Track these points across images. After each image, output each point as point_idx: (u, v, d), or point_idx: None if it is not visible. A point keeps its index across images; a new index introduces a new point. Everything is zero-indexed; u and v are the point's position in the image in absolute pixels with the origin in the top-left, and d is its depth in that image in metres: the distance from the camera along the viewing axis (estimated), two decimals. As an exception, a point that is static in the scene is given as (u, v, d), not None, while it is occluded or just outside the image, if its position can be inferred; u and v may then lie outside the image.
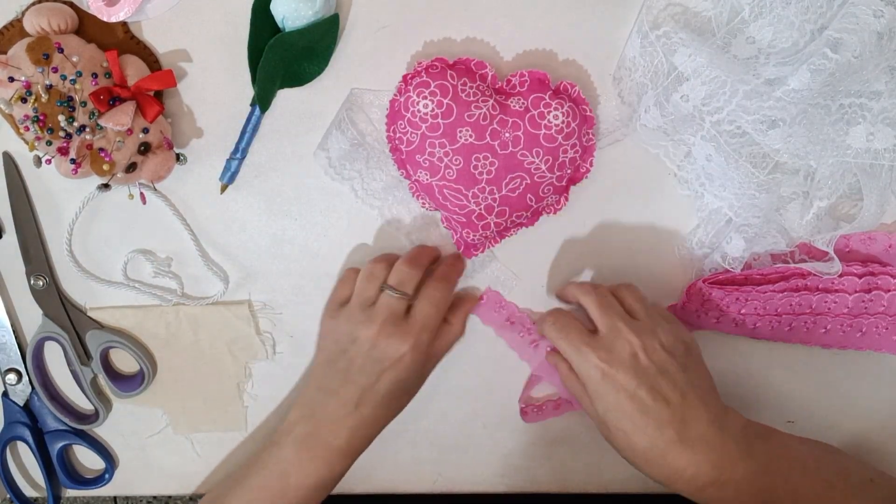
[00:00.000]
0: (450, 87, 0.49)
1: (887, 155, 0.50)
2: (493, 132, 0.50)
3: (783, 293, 0.54)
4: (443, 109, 0.49)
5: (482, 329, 0.58)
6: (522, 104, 0.50)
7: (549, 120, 0.49)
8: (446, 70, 0.49)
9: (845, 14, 0.46)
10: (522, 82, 0.50)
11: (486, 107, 0.49)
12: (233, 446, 0.61)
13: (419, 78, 0.49)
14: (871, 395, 0.58)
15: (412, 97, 0.49)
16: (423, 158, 0.50)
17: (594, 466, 0.60)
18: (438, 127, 0.49)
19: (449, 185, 0.51)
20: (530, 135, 0.49)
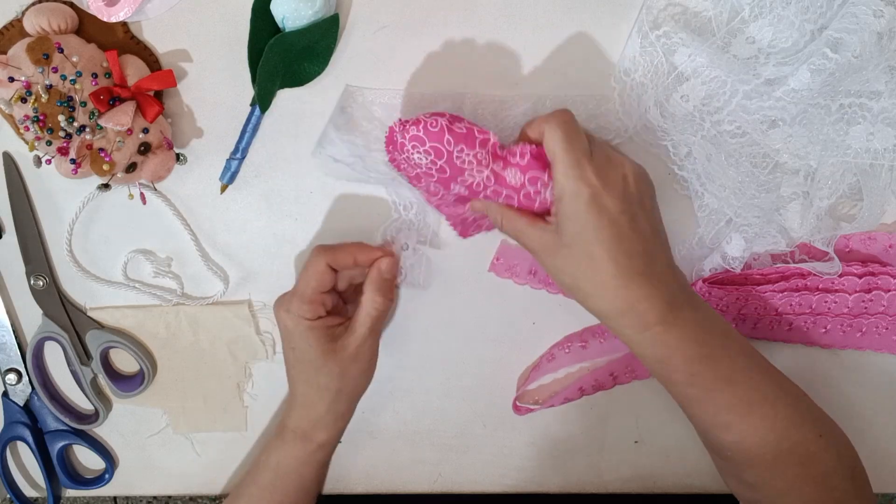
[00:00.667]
0: (444, 152, 0.46)
1: (887, 155, 0.50)
2: (486, 196, 0.49)
3: (783, 293, 0.54)
4: (436, 167, 0.47)
5: (482, 329, 0.58)
6: (518, 180, 0.47)
7: (544, 196, 0.47)
8: (444, 132, 0.46)
9: (845, 14, 0.46)
10: (523, 155, 0.46)
11: (480, 177, 0.47)
12: (233, 446, 0.61)
13: (416, 130, 0.46)
14: (871, 395, 0.58)
15: (407, 146, 0.47)
16: (421, 186, 0.50)
17: (594, 466, 0.60)
18: (433, 175, 0.48)
19: (445, 206, 0.52)
20: (523, 204, 0.48)
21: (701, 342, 0.46)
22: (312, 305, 0.50)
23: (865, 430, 0.58)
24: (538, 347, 0.59)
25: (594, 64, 0.53)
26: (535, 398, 0.59)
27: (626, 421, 0.59)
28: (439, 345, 0.59)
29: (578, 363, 0.58)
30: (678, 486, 0.60)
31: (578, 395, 0.58)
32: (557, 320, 0.58)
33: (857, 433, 0.58)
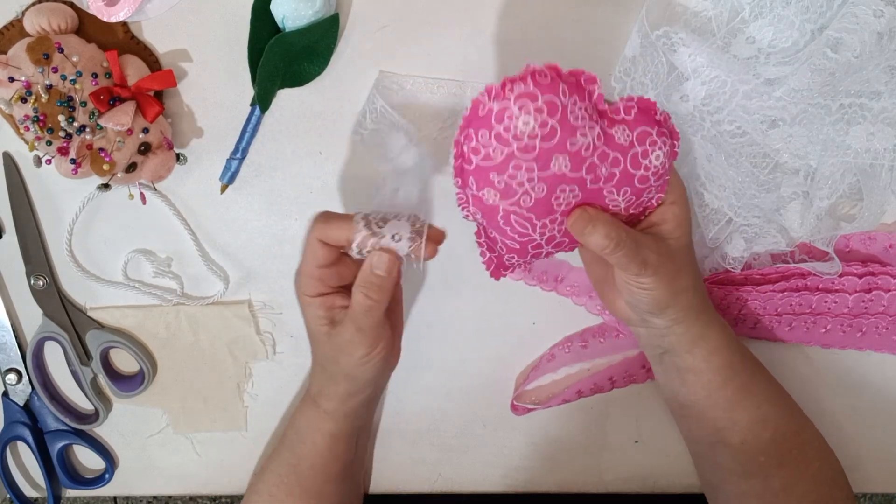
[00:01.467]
0: (559, 106, 0.38)
1: (887, 155, 0.50)
2: (590, 165, 0.41)
3: (783, 293, 0.54)
4: (545, 130, 0.39)
5: (482, 329, 0.58)
6: (628, 137, 0.41)
7: (650, 160, 0.41)
8: (558, 82, 0.39)
9: (845, 14, 0.46)
10: (629, 108, 0.41)
11: (591, 135, 0.40)
12: (233, 446, 0.61)
13: (524, 86, 0.38)
14: (871, 394, 0.58)
15: (511, 109, 0.38)
16: (499, 178, 0.41)
17: (594, 466, 0.60)
18: (533, 149, 0.39)
19: (519, 212, 0.42)
20: (627, 173, 0.42)
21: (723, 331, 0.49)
22: (311, 281, 0.47)
23: (865, 430, 0.58)
24: (538, 347, 0.59)
25: (594, 64, 0.53)
26: (532, 398, 0.59)
27: (626, 421, 0.59)
28: (439, 345, 0.59)
29: (578, 363, 0.58)
30: (678, 486, 0.60)
31: (576, 397, 0.58)
32: (557, 320, 0.58)
33: (857, 433, 0.58)
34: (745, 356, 0.50)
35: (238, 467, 0.61)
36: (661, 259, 0.44)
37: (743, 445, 0.49)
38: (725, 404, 0.49)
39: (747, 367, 0.50)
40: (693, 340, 0.48)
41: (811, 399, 0.57)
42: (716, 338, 0.48)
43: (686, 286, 0.46)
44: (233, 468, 0.62)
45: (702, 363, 0.48)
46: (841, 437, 0.54)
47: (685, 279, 0.46)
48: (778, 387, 0.52)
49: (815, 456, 0.50)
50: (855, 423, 0.58)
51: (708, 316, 0.48)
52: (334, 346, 0.48)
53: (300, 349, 0.59)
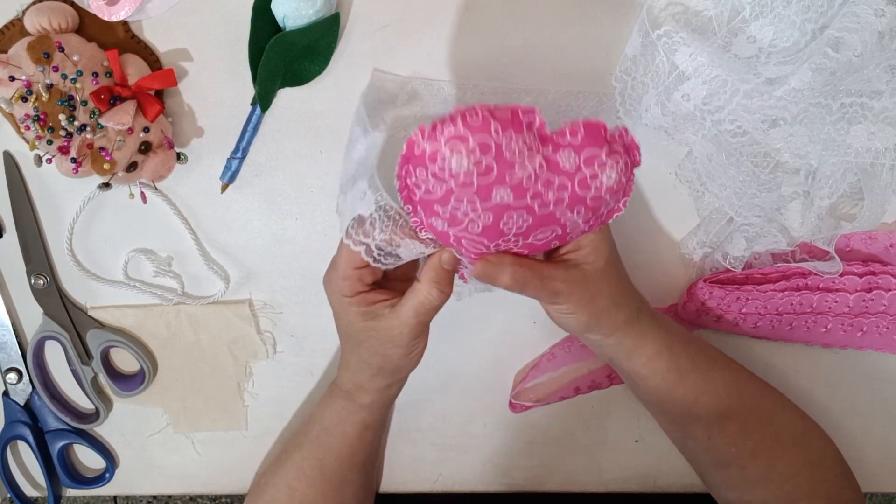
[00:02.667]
0: (492, 146, 0.38)
1: (888, 154, 0.50)
2: (534, 193, 0.41)
3: (784, 292, 0.54)
4: (480, 169, 0.39)
5: (482, 329, 0.58)
6: (574, 162, 0.40)
7: (600, 181, 0.41)
8: (489, 121, 0.38)
9: (846, 13, 0.46)
10: (574, 132, 0.40)
11: (532, 166, 0.40)
12: (233, 446, 0.61)
13: (454, 128, 0.38)
14: (871, 395, 0.58)
15: (442, 151, 0.38)
16: (443, 209, 0.41)
17: (594, 465, 0.60)
18: (471, 185, 0.39)
19: (469, 237, 0.43)
20: (577, 196, 0.41)
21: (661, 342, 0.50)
22: (348, 282, 0.47)
23: (865, 430, 0.58)
24: (538, 347, 0.59)
25: (595, 63, 0.53)
26: (531, 396, 0.59)
27: (627, 420, 0.59)
28: (439, 345, 0.59)
29: (579, 362, 0.58)
30: (678, 485, 0.60)
31: (574, 394, 0.58)
32: (558, 320, 0.58)
33: (858, 433, 0.58)
34: (695, 356, 0.51)
35: (238, 467, 0.61)
36: (571, 287, 0.46)
37: (710, 440, 0.51)
38: (682, 403, 0.51)
39: (700, 366, 0.51)
40: (629, 350, 0.50)
41: (811, 398, 0.58)
42: (653, 346, 0.49)
43: (605, 306, 0.48)
44: (233, 468, 0.62)
45: (643, 369, 0.50)
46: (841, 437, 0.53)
47: (603, 299, 0.47)
48: (743, 378, 0.53)
49: (791, 441, 0.51)
50: (855, 423, 0.58)
51: (640, 326, 0.49)
52: (382, 340, 0.49)
53: (300, 349, 0.59)
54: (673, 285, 0.57)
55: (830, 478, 0.51)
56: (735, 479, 0.51)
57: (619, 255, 0.50)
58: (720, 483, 0.53)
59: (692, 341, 0.52)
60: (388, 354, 0.49)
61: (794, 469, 0.50)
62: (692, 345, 0.52)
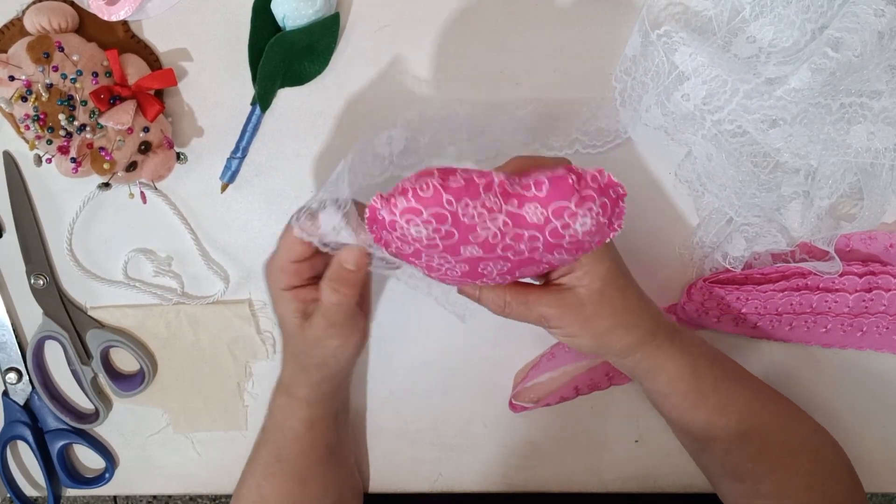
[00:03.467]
0: (448, 215, 0.38)
1: (888, 154, 0.50)
2: (505, 247, 0.40)
3: (784, 292, 0.54)
4: (441, 234, 0.39)
5: (482, 329, 0.58)
6: (541, 215, 0.39)
7: (574, 229, 0.39)
8: (441, 194, 0.37)
9: (846, 13, 0.46)
10: (539, 184, 0.38)
11: (494, 226, 0.39)
12: (233, 446, 0.61)
13: (406, 202, 0.38)
14: (871, 395, 0.58)
15: (399, 222, 0.38)
16: (418, 262, 0.42)
17: (594, 466, 0.60)
18: (437, 246, 0.40)
19: (451, 279, 0.44)
20: (551, 244, 0.40)
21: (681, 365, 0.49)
22: (284, 274, 0.47)
23: (865, 430, 0.58)
24: (538, 347, 0.59)
25: (594, 63, 0.53)
26: (531, 396, 0.59)
27: (626, 420, 0.59)
28: (439, 345, 0.59)
29: (579, 361, 0.58)
30: (678, 485, 0.60)
31: (574, 394, 0.58)
32: (558, 320, 0.58)
33: (857, 433, 0.58)
34: (717, 378, 0.50)
35: (238, 467, 0.61)
36: (562, 311, 0.46)
37: (728, 455, 0.50)
38: (702, 422, 0.50)
39: (721, 387, 0.50)
40: (649, 371, 0.49)
41: (811, 399, 0.57)
42: (674, 367, 0.48)
43: (608, 327, 0.46)
44: (233, 468, 0.61)
45: (665, 388, 0.49)
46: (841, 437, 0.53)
47: (604, 321, 0.46)
48: (764, 397, 0.52)
49: (808, 458, 0.50)
50: (855, 423, 0.58)
51: (658, 347, 0.48)
52: (307, 339, 0.48)
53: (300, 349, 0.59)
54: (673, 285, 0.57)
55: (841, 488, 0.50)
56: (749, 491, 0.50)
57: (624, 273, 0.48)
58: (732, 493, 0.52)
59: (715, 360, 0.51)
60: (313, 353, 0.49)
61: (808, 482, 0.49)
62: (715, 365, 0.50)
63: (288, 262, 0.47)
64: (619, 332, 0.47)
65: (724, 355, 0.53)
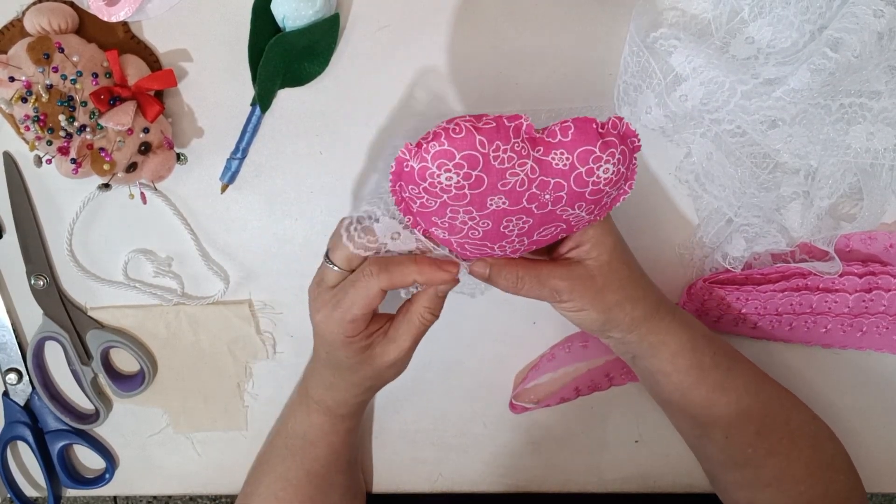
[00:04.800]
0: (479, 158, 0.38)
1: (887, 154, 0.50)
2: (530, 196, 0.41)
3: (784, 293, 0.54)
4: (471, 181, 0.39)
5: (482, 329, 0.58)
6: (567, 161, 0.39)
7: (598, 175, 0.40)
8: (474, 135, 0.38)
9: (845, 14, 0.46)
10: (565, 130, 0.39)
11: (523, 172, 0.39)
12: (233, 446, 0.61)
13: (439, 145, 0.38)
14: (871, 395, 0.58)
15: (430, 168, 0.38)
16: (441, 220, 0.42)
17: (594, 466, 0.60)
18: (465, 197, 0.40)
19: (472, 242, 0.44)
20: (575, 193, 0.41)
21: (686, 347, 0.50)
22: (355, 324, 0.46)
23: (865, 430, 0.58)
24: (538, 347, 0.59)
25: (595, 64, 0.53)
26: (531, 397, 0.59)
27: (626, 421, 0.60)
28: (439, 345, 0.59)
29: (579, 363, 0.58)
30: (678, 485, 0.60)
31: (574, 395, 0.58)
32: (558, 320, 0.57)
33: (857, 433, 0.58)
34: (717, 354, 0.50)
35: (238, 467, 0.61)
36: (573, 283, 0.46)
37: (728, 439, 0.50)
38: (702, 402, 0.50)
39: (721, 364, 0.50)
40: (653, 346, 0.49)
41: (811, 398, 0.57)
42: (676, 341, 0.49)
43: (617, 300, 0.47)
44: (233, 468, 0.62)
45: (667, 366, 0.49)
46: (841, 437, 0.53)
47: (613, 294, 0.47)
48: (761, 379, 0.52)
49: (806, 443, 0.51)
50: (855, 423, 0.58)
51: (661, 322, 0.49)
52: (378, 367, 0.48)
53: (300, 349, 0.59)
54: (673, 285, 0.57)
55: (841, 479, 0.51)
56: (749, 479, 0.51)
57: (627, 248, 0.49)
58: (732, 483, 0.52)
59: (714, 339, 0.51)
60: (382, 376, 0.50)
61: (808, 471, 0.50)
62: (714, 342, 0.51)
63: (363, 314, 0.46)
64: (627, 306, 0.47)
65: (724, 339, 0.53)
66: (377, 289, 0.45)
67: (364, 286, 0.45)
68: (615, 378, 0.58)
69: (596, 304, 0.47)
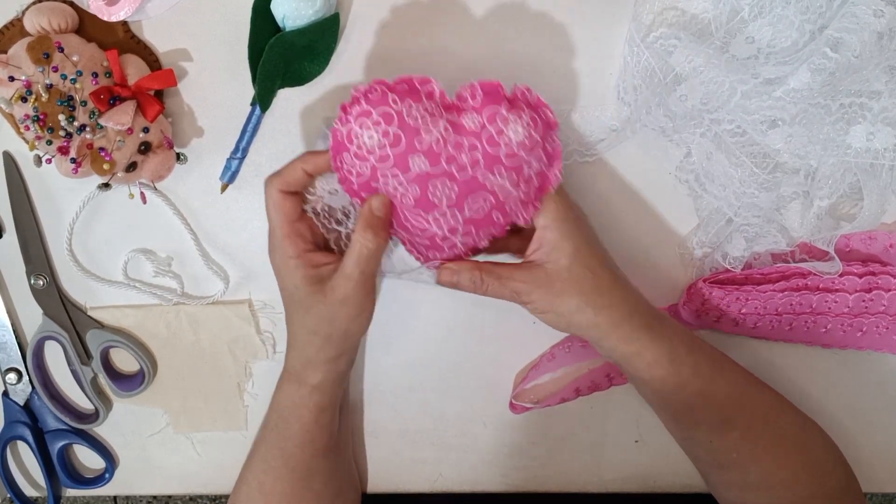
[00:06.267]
0: (394, 114, 0.43)
1: (887, 154, 0.50)
2: (448, 157, 0.45)
3: (783, 293, 0.54)
4: (390, 139, 0.44)
5: (482, 329, 0.58)
6: (477, 122, 0.44)
7: (507, 136, 0.44)
8: (387, 94, 0.44)
9: (845, 13, 0.46)
10: (474, 94, 0.44)
11: (437, 130, 0.44)
12: (233, 446, 0.61)
13: (358, 106, 0.44)
14: (871, 395, 0.58)
15: (354, 128, 0.44)
16: (376, 185, 0.46)
17: (594, 466, 0.60)
18: (388, 157, 0.44)
19: (408, 210, 0.47)
20: (489, 155, 0.44)
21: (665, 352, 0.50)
22: (289, 239, 0.48)
23: (866, 430, 0.58)
24: (538, 347, 0.59)
25: (595, 64, 0.53)
26: (531, 397, 0.59)
27: (626, 421, 0.60)
28: (439, 345, 0.59)
29: (579, 362, 0.58)
30: (678, 485, 0.60)
31: (574, 395, 0.58)
32: (557, 320, 0.58)
33: (858, 433, 0.58)
34: (698, 363, 0.50)
35: (238, 467, 0.61)
36: (531, 286, 0.48)
37: (711, 444, 0.51)
38: (683, 409, 0.50)
39: (702, 373, 0.50)
40: (626, 356, 0.49)
41: (811, 399, 0.58)
42: (650, 353, 0.49)
43: (577, 305, 0.47)
44: (233, 468, 0.61)
45: (643, 374, 0.49)
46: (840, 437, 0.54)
47: (571, 299, 0.47)
48: (745, 383, 0.52)
49: (794, 446, 0.51)
50: (855, 423, 0.58)
51: (634, 331, 0.48)
52: (330, 304, 0.48)
53: (300, 349, 0.59)
54: (673, 285, 0.57)
55: (832, 481, 0.51)
56: (736, 481, 0.51)
57: (598, 254, 0.49)
58: (721, 483, 0.53)
59: (694, 348, 0.51)
60: (336, 317, 0.48)
61: (795, 473, 0.50)
62: (696, 351, 0.51)
63: (288, 224, 0.48)
64: (588, 311, 0.48)
65: (707, 344, 0.53)
66: (276, 192, 0.47)
67: (269, 197, 0.48)
68: (615, 378, 0.58)
69: (553, 308, 0.48)
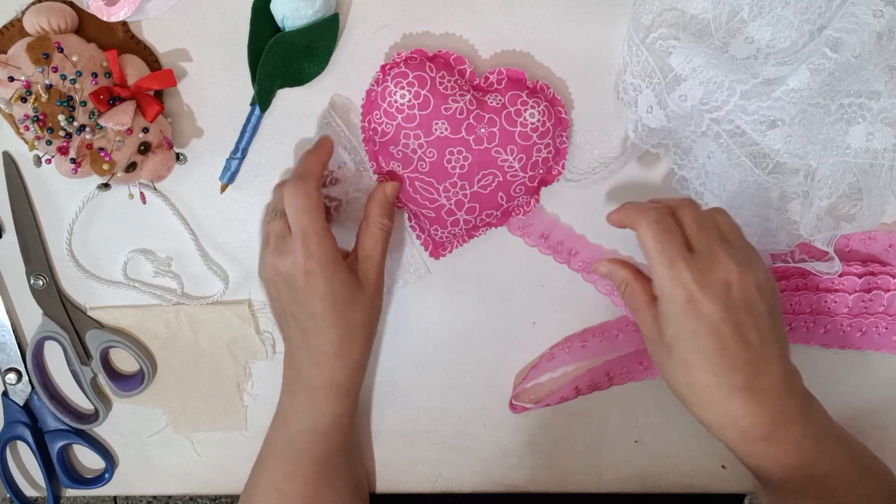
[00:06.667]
0: (428, 79, 0.49)
1: (887, 155, 0.50)
2: (468, 127, 0.50)
3: (783, 293, 0.54)
4: (420, 100, 0.49)
5: (482, 329, 0.58)
6: (499, 101, 0.50)
7: (524, 118, 0.49)
8: (425, 62, 0.49)
9: (845, 14, 0.46)
10: (500, 79, 0.51)
11: (463, 101, 0.49)
12: (233, 446, 0.61)
13: (397, 68, 0.49)
14: (871, 395, 0.58)
15: (389, 87, 0.49)
16: (396, 149, 0.51)
17: (594, 466, 0.60)
18: (414, 118, 0.49)
19: (421, 178, 0.51)
20: (506, 132, 0.50)
21: (806, 455, 0.46)
22: (332, 240, 0.49)
23: (866, 430, 0.58)
24: (538, 347, 0.59)
25: (595, 64, 0.53)
26: (531, 397, 0.59)
27: (626, 421, 0.60)
28: (439, 345, 0.59)
29: (578, 362, 0.58)
30: (678, 485, 0.60)
31: (574, 394, 0.58)
32: (557, 320, 0.58)
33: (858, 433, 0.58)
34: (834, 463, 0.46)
35: (238, 467, 0.61)
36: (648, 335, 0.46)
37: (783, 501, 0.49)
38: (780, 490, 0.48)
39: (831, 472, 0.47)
40: (764, 469, 0.46)
41: (811, 399, 0.58)
42: (796, 461, 0.45)
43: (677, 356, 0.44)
44: (233, 468, 0.62)
45: (776, 479, 0.46)
46: (841, 437, 0.54)
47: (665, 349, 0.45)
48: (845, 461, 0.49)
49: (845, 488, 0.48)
50: (855, 423, 0.58)
51: (788, 432, 0.45)
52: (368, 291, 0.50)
53: (300, 349, 0.59)
54: (672, 285, 0.57)
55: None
56: None
57: (747, 327, 0.43)
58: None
59: (840, 442, 0.48)
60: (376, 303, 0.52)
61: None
62: (836, 453, 0.47)
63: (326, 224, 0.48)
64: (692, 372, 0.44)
65: (845, 431, 0.49)
66: (317, 193, 0.49)
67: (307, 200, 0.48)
68: (615, 378, 0.58)
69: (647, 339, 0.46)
